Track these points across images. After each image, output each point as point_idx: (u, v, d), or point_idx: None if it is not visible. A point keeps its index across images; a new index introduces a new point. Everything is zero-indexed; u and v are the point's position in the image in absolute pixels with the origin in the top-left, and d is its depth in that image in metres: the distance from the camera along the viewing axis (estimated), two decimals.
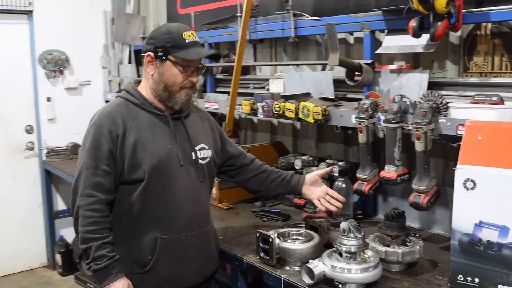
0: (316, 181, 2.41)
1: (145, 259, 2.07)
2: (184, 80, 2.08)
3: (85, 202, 1.97)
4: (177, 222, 2.11)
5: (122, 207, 2.08)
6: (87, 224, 1.96)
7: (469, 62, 2.49)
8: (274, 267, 2.16)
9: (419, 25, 2.32)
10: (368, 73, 2.67)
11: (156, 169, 2.05)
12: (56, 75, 4.90)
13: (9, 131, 4.81)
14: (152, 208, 2.07)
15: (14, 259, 4.88)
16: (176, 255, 2.11)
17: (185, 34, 2.07)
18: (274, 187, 2.44)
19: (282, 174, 2.46)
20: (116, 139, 2.02)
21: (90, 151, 2.01)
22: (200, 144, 2.22)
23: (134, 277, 2.07)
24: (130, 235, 2.09)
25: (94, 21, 5.07)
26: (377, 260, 1.95)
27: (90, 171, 1.99)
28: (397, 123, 2.29)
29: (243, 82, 3.84)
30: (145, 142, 2.05)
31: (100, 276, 1.97)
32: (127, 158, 2.03)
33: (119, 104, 2.13)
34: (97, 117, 2.09)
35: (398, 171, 2.36)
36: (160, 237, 2.07)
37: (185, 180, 2.13)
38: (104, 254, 1.95)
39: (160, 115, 2.13)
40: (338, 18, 2.82)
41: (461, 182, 1.84)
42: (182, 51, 2.04)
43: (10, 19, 4.71)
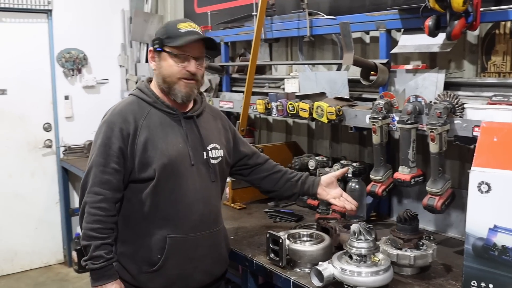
0: (332, 183, 2.39)
1: (154, 258, 2.07)
2: (181, 71, 2.06)
3: (91, 199, 1.99)
4: (187, 222, 2.10)
5: (132, 205, 2.08)
6: (91, 221, 1.98)
7: (487, 62, 2.43)
8: (284, 269, 2.14)
9: (435, 24, 2.27)
10: (383, 72, 2.63)
11: (166, 168, 2.04)
12: (74, 74, 4.96)
13: (28, 128, 4.88)
14: (162, 207, 2.07)
15: (31, 255, 4.95)
16: (185, 255, 2.10)
17: (181, 25, 2.06)
18: (288, 187, 2.41)
19: (297, 175, 2.43)
20: (127, 137, 2.02)
21: (101, 149, 2.02)
22: (212, 143, 2.20)
23: (142, 276, 2.08)
24: (140, 233, 2.09)
25: (112, 20, 5.11)
26: (388, 264, 1.91)
27: (99, 169, 2.00)
28: (411, 123, 2.25)
29: (259, 81, 3.83)
30: (156, 141, 2.05)
31: (94, 275, 2.00)
32: (137, 156, 2.03)
33: (131, 102, 2.13)
34: (109, 115, 2.09)
35: (412, 173, 2.31)
36: (169, 237, 2.06)
37: (196, 179, 2.12)
38: (101, 255, 1.97)
39: (172, 114, 2.13)
40: (354, 17, 2.78)
41: (476, 185, 1.78)
42: (176, 40, 2.03)
43: (30, 18, 4.78)
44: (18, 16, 4.72)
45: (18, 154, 4.87)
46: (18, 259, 4.93)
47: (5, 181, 4.80)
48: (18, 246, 4.89)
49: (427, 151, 2.24)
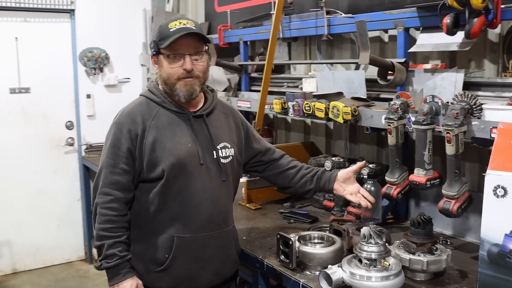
0: (349, 178, 2.31)
1: (161, 258, 2.06)
2: (178, 71, 2.02)
3: (102, 200, 2.00)
4: (195, 222, 2.08)
5: (140, 204, 2.08)
6: (102, 222, 1.99)
7: (508, 61, 2.35)
8: (293, 271, 2.10)
9: (453, 22, 2.21)
10: (401, 72, 2.56)
11: (174, 167, 2.03)
12: (96, 73, 5.02)
13: (50, 126, 4.96)
14: (170, 206, 2.06)
15: (53, 251, 5.03)
16: (193, 255, 2.09)
17: (171, 24, 2.01)
18: (304, 183, 2.36)
19: (313, 170, 2.38)
20: (136, 138, 2.02)
21: (110, 150, 2.03)
22: (222, 142, 2.17)
23: (150, 275, 2.08)
24: (148, 232, 2.08)
25: (134, 20, 5.15)
26: (399, 268, 1.85)
27: (109, 170, 2.01)
28: (427, 124, 2.19)
29: (277, 80, 3.80)
30: (164, 141, 2.04)
31: (110, 274, 2.00)
32: (146, 156, 2.02)
33: (140, 103, 2.12)
34: (118, 116, 2.10)
35: (428, 175, 2.25)
36: (177, 236, 2.05)
37: (205, 179, 2.10)
38: (115, 253, 1.97)
39: (181, 113, 2.11)
40: (372, 15, 2.73)
41: (491, 189, 1.72)
42: (167, 40, 1.99)
43: (53, 18, 4.86)
44: (42, 16, 4.80)
45: (41, 151, 4.95)
46: (40, 254, 5.02)
47: (29, 178, 4.89)
48: (40, 242, 4.97)
49: (445, 153, 2.17)
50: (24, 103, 4.81)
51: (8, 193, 4.77)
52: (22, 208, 4.87)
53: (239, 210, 3.07)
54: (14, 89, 4.75)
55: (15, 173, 4.82)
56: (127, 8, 5.13)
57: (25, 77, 4.78)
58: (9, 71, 4.71)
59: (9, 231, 4.82)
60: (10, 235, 4.83)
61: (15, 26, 4.71)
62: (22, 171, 4.85)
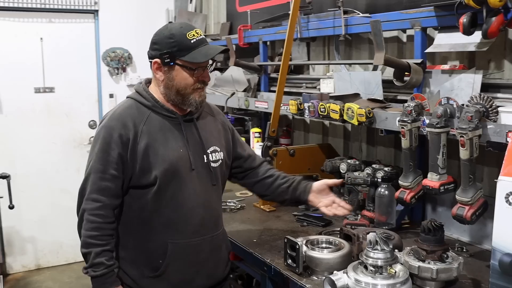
0: (324, 190, 2.32)
1: (155, 263, 2.05)
2: (195, 82, 2.02)
3: (90, 206, 1.96)
4: (188, 227, 2.07)
5: (132, 211, 2.05)
6: (90, 229, 1.95)
7: None
8: (300, 276, 2.07)
9: (470, 21, 2.12)
10: (417, 73, 2.49)
11: (167, 173, 2.00)
12: (118, 72, 5.06)
13: (74, 125, 5.03)
14: (163, 212, 2.04)
15: (75, 248, 5.02)
16: (187, 260, 2.08)
17: (189, 34, 1.98)
18: (279, 193, 2.36)
19: (289, 180, 2.36)
20: (127, 143, 1.97)
21: (99, 155, 1.97)
22: (212, 146, 2.16)
23: (145, 281, 2.06)
24: (141, 239, 2.06)
25: (157, 20, 5.15)
26: (406, 276, 1.80)
27: (97, 175, 1.96)
28: (441, 127, 2.11)
29: (296, 81, 3.77)
30: (157, 147, 2.01)
31: (96, 283, 1.97)
32: (138, 162, 1.98)
33: (130, 106, 2.07)
34: (108, 119, 2.04)
35: (442, 180, 2.17)
36: (170, 242, 2.04)
37: (196, 184, 2.08)
38: (102, 262, 1.94)
39: (172, 118, 2.08)
40: (388, 15, 2.66)
41: (503, 196, 1.65)
42: (189, 53, 1.97)
43: (77, 18, 4.93)
44: (66, 17, 4.88)
45: (64, 150, 5.03)
46: (63, 251, 5.10)
47: (52, 176, 4.97)
48: (63, 239, 5.04)
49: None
50: (48, 102, 4.89)
51: (32, 191, 4.86)
52: (45, 206, 4.95)
53: (253, 211, 3.05)
54: (38, 89, 4.84)
55: (39, 171, 4.91)
56: (150, 9, 5.16)
57: (50, 77, 4.86)
58: (34, 71, 4.80)
59: (33, 228, 4.92)
60: (34, 231, 4.93)
61: (40, 27, 4.80)
62: (46, 169, 4.94)
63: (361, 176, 2.62)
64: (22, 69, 4.75)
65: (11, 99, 4.74)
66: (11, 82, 4.71)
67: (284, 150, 3.10)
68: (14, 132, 4.79)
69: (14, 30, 4.70)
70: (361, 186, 2.63)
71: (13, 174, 4.73)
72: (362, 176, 2.62)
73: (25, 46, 4.74)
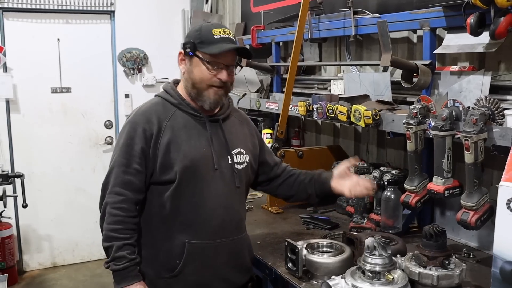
0: (346, 173, 2.26)
1: (172, 263, 2.03)
2: (212, 78, 2.00)
3: (113, 199, 1.96)
4: (207, 228, 2.04)
5: (152, 208, 2.05)
6: (112, 222, 1.94)
7: None
8: (300, 280, 2.05)
9: (477, 21, 2.08)
10: (425, 74, 2.44)
11: (188, 171, 1.99)
12: (134, 73, 5.10)
13: (90, 125, 5.08)
14: (182, 211, 2.02)
15: (91, 247, 5.16)
16: (204, 262, 2.05)
17: (215, 31, 1.99)
18: (303, 188, 2.32)
19: (309, 174, 2.33)
20: (150, 138, 1.99)
21: (123, 149, 1.99)
22: (237, 148, 2.14)
23: (161, 281, 2.05)
24: (159, 237, 2.05)
25: (172, 20, 5.20)
26: (405, 282, 1.76)
27: (121, 169, 1.97)
28: (446, 130, 2.07)
29: (308, 82, 3.74)
30: (179, 143, 2.00)
31: (117, 277, 1.95)
32: (159, 157, 1.99)
33: (156, 103, 2.10)
34: (133, 115, 2.07)
35: (447, 184, 2.13)
36: (188, 242, 2.02)
37: (219, 184, 2.06)
38: (124, 256, 1.92)
39: (198, 116, 2.08)
40: (398, 15, 2.62)
41: (504, 202, 1.60)
42: (209, 46, 1.97)
43: (94, 19, 4.97)
44: (83, 18, 4.93)
45: (80, 149, 5.08)
46: (78, 250, 5.17)
47: (68, 175, 5.03)
48: (79, 238, 5.11)
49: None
50: (65, 102, 4.95)
51: (49, 189, 4.93)
52: (61, 204, 5.01)
53: (260, 213, 3.04)
54: (55, 89, 4.91)
55: (55, 170, 4.98)
56: (165, 9, 5.18)
57: (66, 77, 4.92)
58: (51, 71, 4.86)
59: (50, 227, 4.99)
60: (50, 230, 5.00)
61: (57, 28, 4.86)
62: (62, 168, 5.00)
63: None
64: (39, 69, 4.82)
65: (28, 99, 4.82)
66: (28, 82, 4.79)
67: (292, 151, 3.08)
68: (32, 132, 4.86)
69: (32, 31, 4.77)
70: None
71: (30, 173, 4.85)
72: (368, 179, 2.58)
73: (42, 46, 4.81)
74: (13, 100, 4.76)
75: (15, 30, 4.72)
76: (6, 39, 4.69)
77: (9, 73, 4.70)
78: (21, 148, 4.85)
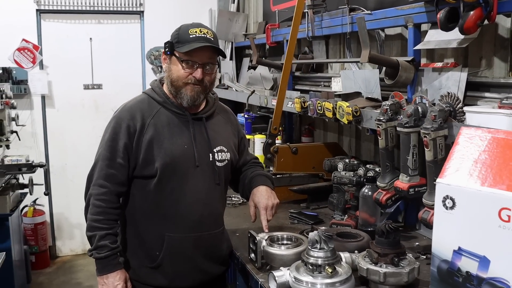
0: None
1: (153, 255, 2.13)
2: (187, 76, 2.07)
3: (96, 191, 2.07)
4: (186, 222, 2.13)
5: (135, 201, 2.15)
6: (95, 213, 2.06)
7: None
8: (259, 270, 2.09)
9: (447, 16, 2.03)
10: (407, 71, 2.40)
11: (168, 167, 2.08)
12: (161, 70, 5.26)
13: None
14: (162, 205, 2.12)
15: None
16: (183, 254, 2.14)
17: (192, 30, 2.06)
18: (241, 186, 2.44)
19: (249, 175, 2.41)
20: (134, 134, 2.07)
21: (108, 143, 2.09)
22: (219, 146, 2.21)
23: (143, 270, 2.15)
24: (141, 229, 2.15)
25: (200, 19, 5.16)
26: (347, 276, 1.77)
27: (105, 163, 2.08)
28: (410, 127, 2.04)
29: (316, 80, 3.74)
30: (161, 140, 2.09)
31: (99, 265, 2.05)
32: (142, 153, 2.08)
33: (142, 100, 2.18)
34: (119, 111, 2.17)
35: (412, 182, 2.09)
36: (167, 235, 2.11)
37: (199, 180, 2.14)
38: (106, 245, 2.02)
39: (181, 115, 2.15)
40: (387, 12, 2.60)
41: (441, 200, 1.57)
42: (184, 45, 2.04)
43: (124, 19, 5.21)
44: (114, 18, 5.17)
45: None
46: None
47: None
48: None
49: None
50: (96, 98, 5.22)
51: (80, 180, 5.10)
52: None
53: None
54: (87, 85, 5.19)
55: (87, 162, 5.12)
56: (193, 9, 5.32)
57: (98, 74, 5.19)
58: (84, 69, 5.15)
59: (81, 216, 5.19)
60: (82, 219, 5.20)
61: (89, 28, 5.14)
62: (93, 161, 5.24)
63: (346, 176, 2.58)
64: (73, 67, 5.12)
65: (62, 94, 5.12)
66: (62, 79, 5.09)
67: (286, 147, 3.11)
68: (65, 126, 5.16)
69: (66, 31, 5.07)
70: (347, 186, 2.58)
71: (63, 164, 5.14)
72: (348, 176, 2.58)
73: (75, 45, 5.09)
74: (48, 95, 5.07)
75: (50, 30, 5.04)
76: (43, 38, 5.00)
77: (44, 71, 5.02)
78: (55, 141, 5.16)
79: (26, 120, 4.96)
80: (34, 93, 5.03)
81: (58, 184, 5.16)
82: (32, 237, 4.86)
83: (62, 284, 4.76)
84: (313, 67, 3.84)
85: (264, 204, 2.24)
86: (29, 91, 5.00)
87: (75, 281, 4.83)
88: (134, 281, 2.15)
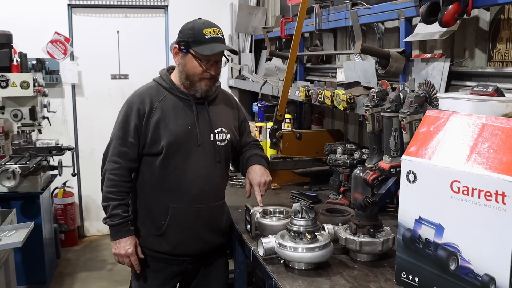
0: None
1: (159, 224, 2.39)
2: (203, 72, 2.31)
3: (111, 167, 2.33)
4: (187, 195, 2.37)
5: (144, 175, 2.41)
6: (110, 185, 2.32)
7: (493, 50, 2.26)
8: (253, 239, 2.32)
9: (428, 10, 2.21)
10: (398, 61, 2.59)
11: (173, 145, 2.32)
12: None
13: None
14: (167, 179, 2.37)
15: None
16: (185, 224, 2.39)
17: (206, 31, 2.28)
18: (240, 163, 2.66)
19: (247, 155, 2.62)
20: (143, 116, 2.33)
21: (121, 124, 2.36)
22: (220, 127, 2.45)
23: (151, 238, 2.41)
24: (149, 201, 2.42)
25: (221, 13, 5.56)
26: (326, 242, 1.97)
27: (118, 141, 2.34)
28: (391, 112, 2.22)
29: (325, 70, 3.93)
30: (167, 121, 2.33)
31: (113, 231, 2.34)
32: (150, 133, 2.33)
33: (151, 87, 2.45)
34: (131, 96, 2.44)
35: (394, 162, 2.28)
36: (171, 206, 2.36)
37: (201, 158, 2.38)
38: (118, 213, 2.29)
39: (186, 99, 2.39)
40: (383, 6, 2.77)
41: (405, 174, 1.77)
42: (201, 46, 2.26)
43: (149, 13, 5.49)
44: (140, 12, 5.46)
45: None
46: None
47: None
48: None
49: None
50: (123, 87, 5.51)
51: None
52: None
53: None
54: (115, 76, 5.50)
55: None
56: (215, 3, 5.56)
57: (124, 65, 5.49)
58: (111, 60, 5.47)
59: None
60: None
61: (117, 21, 5.44)
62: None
63: (341, 159, 2.78)
64: (101, 58, 5.44)
65: (91, 84, 5.45)
66: (91, 69, 5.42)
67: (291, 133, 3.31)
68: (93, 113, 5.49)
69: (95, 24, 5.39)
70: (341, 167, 2.78)
71: (92, 149, 5.47)
72: (342, 158, 2.77)
73: (103, 38, 5.41)
74: (78, 85, 5.41)
75: (81, 24, 5.37)
76: (74, 31, 5.34)
77: (75, 61, 5.35)
78: (84, 128, 5.50)
79: (58, 108, 5.31)
80: (65, 82, 5.37)
81: (86, 168, 5.51)
82: (62, 217, 5.22)
83: (88, 261, 5.10)
84: (323, 59, 4.03)
85: (257, 181, 2.45)
86: (60, 80, 5.35)
87: (100, 259, 5.16)
88: (143, 247, 2.41)
